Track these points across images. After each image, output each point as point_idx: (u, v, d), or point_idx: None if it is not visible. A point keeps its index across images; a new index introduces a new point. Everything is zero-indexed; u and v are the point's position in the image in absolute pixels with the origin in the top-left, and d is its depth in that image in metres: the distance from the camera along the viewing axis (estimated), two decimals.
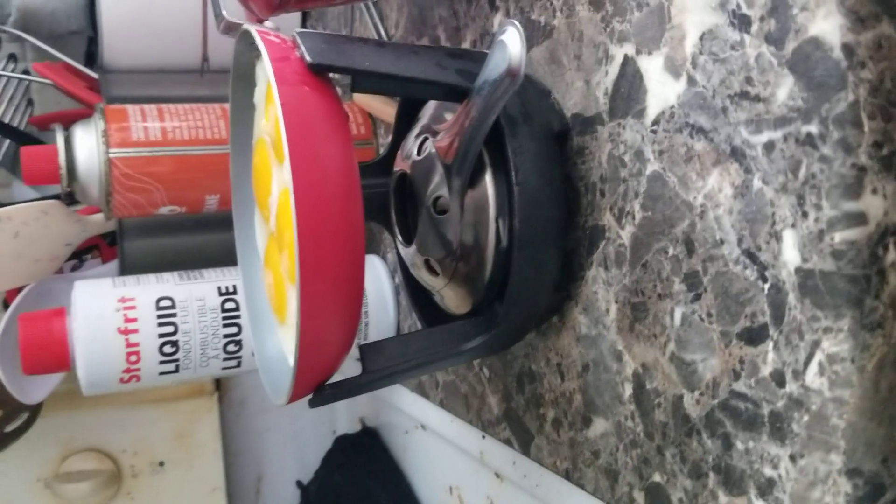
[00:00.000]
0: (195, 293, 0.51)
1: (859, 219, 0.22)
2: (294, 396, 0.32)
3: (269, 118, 0.34)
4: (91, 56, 0.70)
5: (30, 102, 0.72)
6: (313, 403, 0.34)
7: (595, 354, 0.34)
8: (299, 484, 0.74)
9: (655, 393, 0.31)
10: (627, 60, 0.31)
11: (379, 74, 0.32)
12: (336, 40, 0.32)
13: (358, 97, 0.56)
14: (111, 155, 0.49)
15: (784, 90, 0.24)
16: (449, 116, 0.36)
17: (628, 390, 0.32)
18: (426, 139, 0.36)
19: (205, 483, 0.72)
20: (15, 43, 0.70)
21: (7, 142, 0.70)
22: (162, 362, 0.49)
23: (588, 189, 0.34)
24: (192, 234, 0.61)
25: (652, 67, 0.30)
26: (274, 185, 0.36)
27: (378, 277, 0.56)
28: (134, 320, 0.49)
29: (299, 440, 0.76)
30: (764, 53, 0.25)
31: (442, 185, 0.34)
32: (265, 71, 0.35)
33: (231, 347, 0.51)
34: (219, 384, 0.73)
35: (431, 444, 0.57)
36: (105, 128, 0.49)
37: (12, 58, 0.69)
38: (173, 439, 0.70)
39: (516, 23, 0.28)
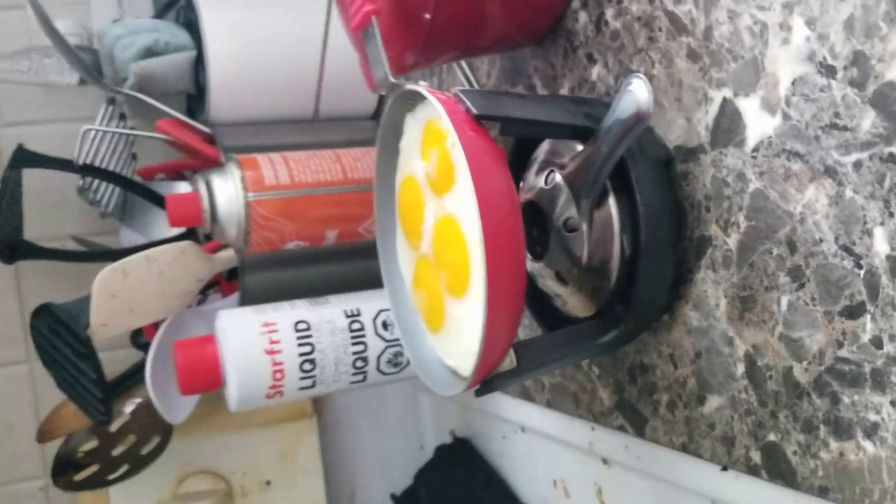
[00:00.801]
0: (325, 316, 0.59)
1: None
2: (469, 387, 0.40)
3: (430, 159, 0.42)
4: (192, 111, 0.79)
5: (133, 156, 0.81)
6: (480, 393, 0.42)
7: (707, 343, 0.42)
8: (393, 497, 0.81)
9: (766, 368, 0.39)
10: (726, 101, 0.39)
11: (525, 121, 0.40)
12: (489, 95, 0.40)
13: None
14: (250, 198, 0.58)
15: (868, 121, 0.32)
16: (566, 152, 0.45)
17: (741, 368, 0.40)
18: (551, 171, 0.44)
19: (307, 499, 0.79)
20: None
21: (117, 192, 0.79)
22: (301, 378, 0.57)
23: (693, 206, 0.42)
24: (304, 266, 0.69)
25: (749, 107, 0.38)
26: (428, 215, 0.44)
27: None
28: (277, 342, 0.57)
29: (389, 456, 0.84)
30: (848, 94, 0.33)
31: (569, 207, 0.43)
32: (425, 121, 0.43)
33: (358, 363, 0.59)
34: (317, 407, 0.81)
35: (533, 444, 0.64)
36: (242, 175, 0.58)
37: (122, 116, 0.78)
38: (278, 460, 0.78)
39: (642, 75, 0.36)
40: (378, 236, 0.50)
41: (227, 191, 0.59)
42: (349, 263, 0.69)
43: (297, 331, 0.58)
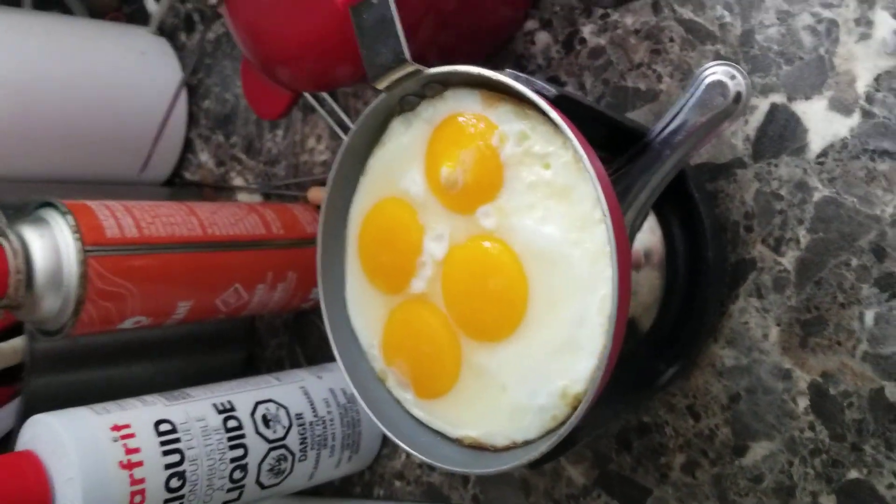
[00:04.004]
0: (192, 413, 0.45)
1: None
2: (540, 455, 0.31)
3: (459, 163, 0.34)
4: None
5: None
6: (539, 464, 0.33)
7: (748, 383, 0.38)
8: None
9: (843, 395, 0.36)
10: (776, 108, 0.37)
11: (584, 105, 0.34)
12: (540, 77, 0.34)
13: (316, 194, 0.55)
14: (89, 254, 0.43)
15: None
16: None
17: (803, 403, 0.37)
18: None
19: None
20: None
21: None
22: (167, 501, 0.42)
23: (726, 229, 0.39)
24: (102, 366, 0.53)
25: (812, 110, 0.36)
26: (431, 243, 0.35)
27: None
28: (136, 451, 0.42)
29: None
30: None
31: None
32: (439, 119, 0.35)
33: (237, 474, 0.45)
34: None
35: None
36: (76, 223, 0.43)
37: None
38: None
39: (729, 62, 0.33)
40: (323, 287, 0.39)
41: (49, 245, 0.43)
42: (186, 355, 0.54)
43: (160, 434, 0.43)
